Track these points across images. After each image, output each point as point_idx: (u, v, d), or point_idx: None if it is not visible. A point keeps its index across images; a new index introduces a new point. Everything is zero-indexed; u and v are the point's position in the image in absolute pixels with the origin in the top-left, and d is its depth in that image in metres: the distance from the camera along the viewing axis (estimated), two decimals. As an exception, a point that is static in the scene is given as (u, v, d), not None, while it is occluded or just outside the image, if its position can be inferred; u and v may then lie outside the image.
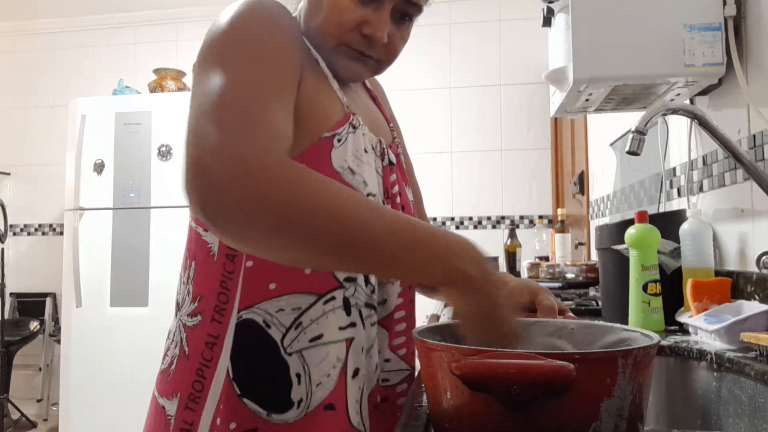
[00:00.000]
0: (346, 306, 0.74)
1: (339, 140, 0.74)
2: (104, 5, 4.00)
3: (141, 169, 3.24)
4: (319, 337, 0.73)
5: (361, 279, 0.76)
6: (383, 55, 0.78)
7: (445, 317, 1.45)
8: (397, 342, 0.81)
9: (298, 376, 0.72)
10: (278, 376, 0.72)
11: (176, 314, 0.80)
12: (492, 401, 0.48)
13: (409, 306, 0.84)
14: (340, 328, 0.74)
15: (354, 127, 0.77)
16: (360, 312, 0.76)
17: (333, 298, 0.74)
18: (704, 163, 1.37)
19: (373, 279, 0.78)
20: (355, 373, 0.74)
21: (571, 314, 0.76)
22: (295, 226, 0.56)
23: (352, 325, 0.75)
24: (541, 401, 0.47)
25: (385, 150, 0.84)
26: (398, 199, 0.84)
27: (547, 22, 1.45)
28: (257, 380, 0.72)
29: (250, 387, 0.72)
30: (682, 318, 1.12)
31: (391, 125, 0.94)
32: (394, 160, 0.85)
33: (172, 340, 0.79)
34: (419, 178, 1.04)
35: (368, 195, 0.75)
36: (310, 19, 0.77)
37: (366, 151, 0.78)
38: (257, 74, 0.65)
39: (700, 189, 1.39)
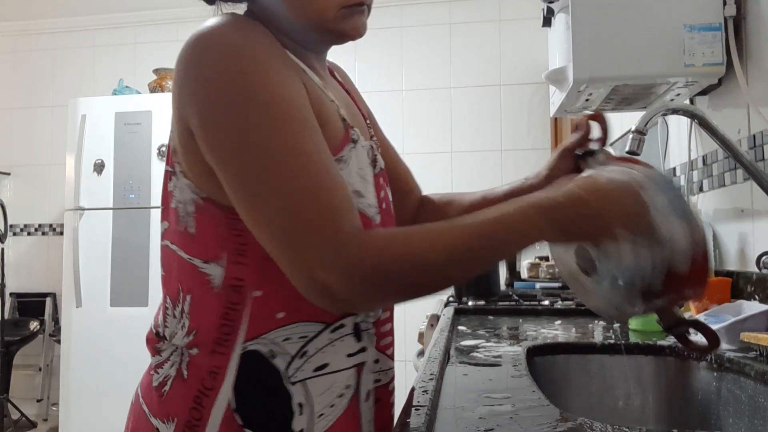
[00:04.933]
0: (357, 332, 0.73)
1: (344, 162, 0.72)
2: (104, 5, 4.00)
3: (141, 169, 3.24)
4: (324, 366, 0.71)
5: None
6: None
7: (445, 317, 1.45)
8: (384, 342, 0.81)
9: (301, 406, 0.70)
10: (281, 406, 0.70)
11: (162, 341, 0.76)
12: None
13: (390, 307, 0.83)
14: (349, 355, 0.72)
15: (354, 142, 0.75)
16: (369, 334, 0.75)
17: (342, 326, 0.72)
18: (704, 163, 1.37)
19: None
20: (368, 396, 0.74)
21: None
22: (417, 287, 0.64)
23: (363, 350, 0.74)
24: None
25: (377, 155, 0.82)
26: (384, 205, 0.82)
27: (547, 22, 1.45)
28: (260, 411, 0.70)
29: (253, 417, 0.70)
30: (682, 318, 1.12)
31: (368, 121, 0.90)
32: (382, 164, 0.84)
33: (167, 360, 0.74)
34: (419, 179, 1.03)
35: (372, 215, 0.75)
36: (294, 6, 0.72)
37: (364, 166, 0.76)
38: (292, 140, 0.63)
39: (700, 189, 1.39)
